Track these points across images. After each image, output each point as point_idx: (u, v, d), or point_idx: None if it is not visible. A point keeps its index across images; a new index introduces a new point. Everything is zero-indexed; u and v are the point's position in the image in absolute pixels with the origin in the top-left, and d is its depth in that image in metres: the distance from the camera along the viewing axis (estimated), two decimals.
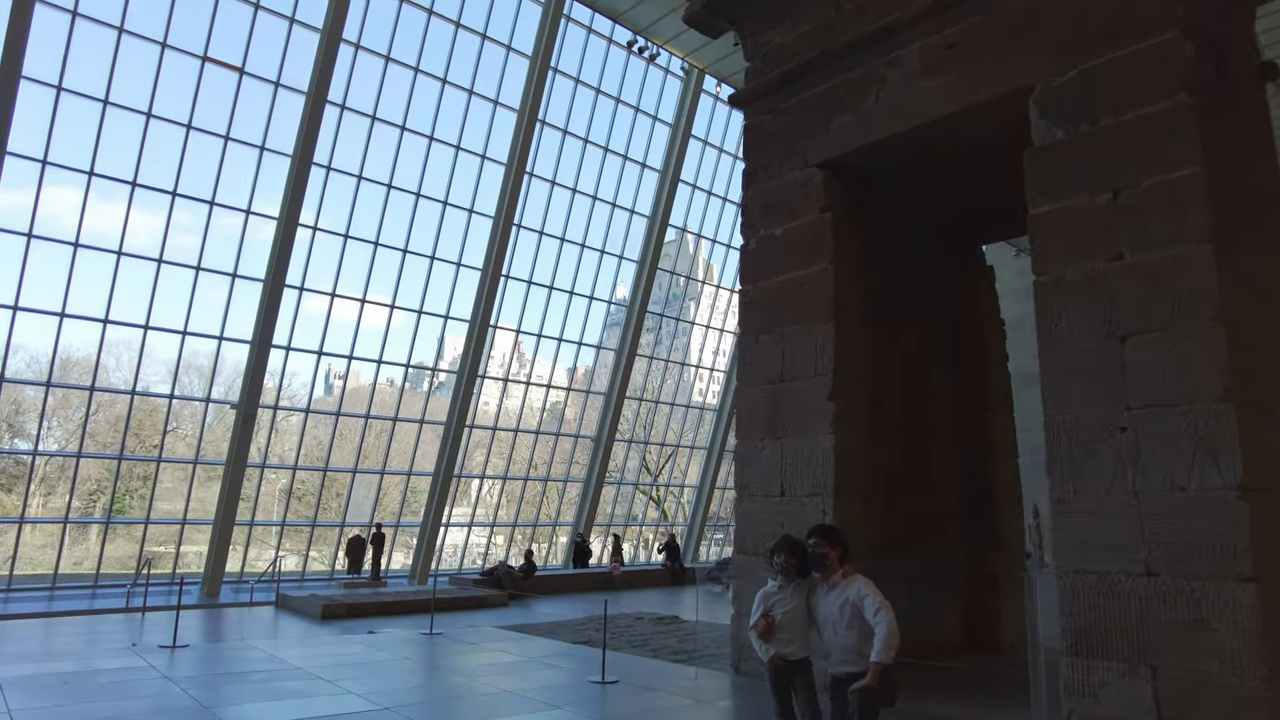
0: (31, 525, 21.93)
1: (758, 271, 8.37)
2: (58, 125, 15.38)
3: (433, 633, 9.77)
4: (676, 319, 26.01)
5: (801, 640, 4.54)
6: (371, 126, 18.63)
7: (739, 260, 9.09)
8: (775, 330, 7.93)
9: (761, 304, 8.22)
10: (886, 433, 8.02)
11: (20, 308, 15.31)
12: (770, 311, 8.06)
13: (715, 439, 26.56)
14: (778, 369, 7.80)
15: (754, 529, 7.68)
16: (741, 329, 8.61)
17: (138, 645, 9.29)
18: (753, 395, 8.08)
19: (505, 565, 16.86)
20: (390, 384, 24.28)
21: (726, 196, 25.55)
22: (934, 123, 7.04)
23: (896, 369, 8.38)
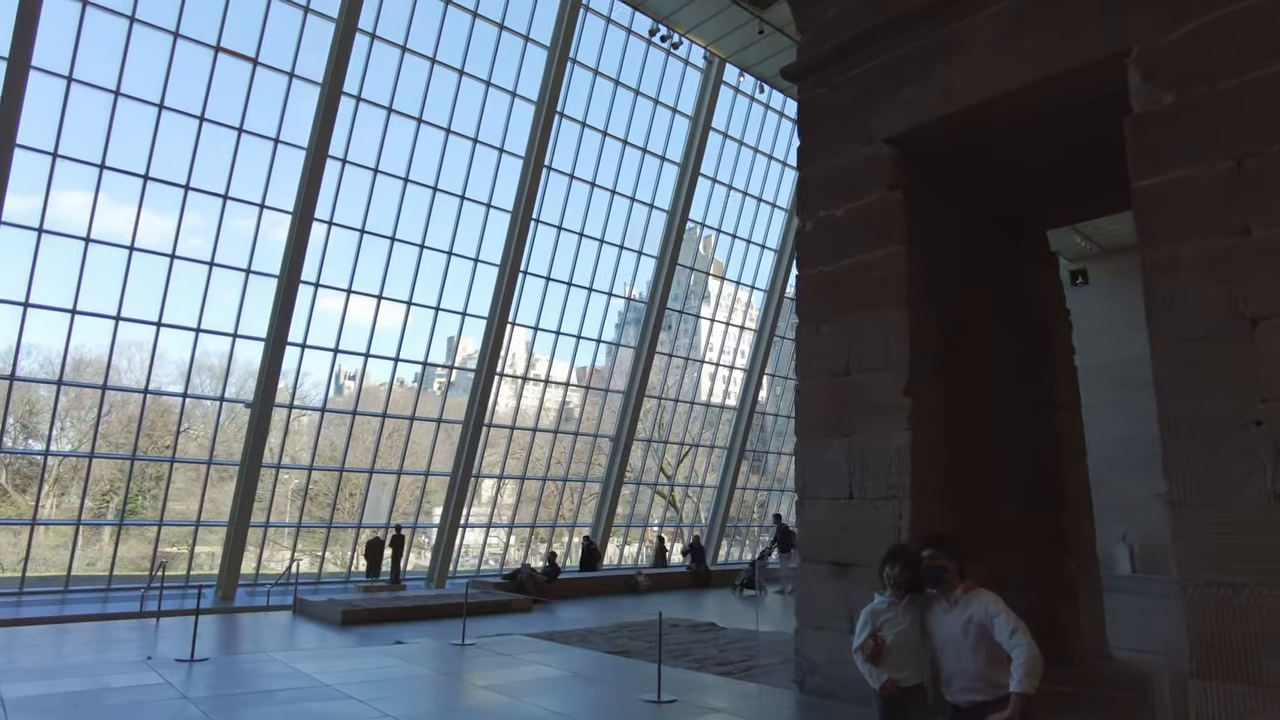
0: (45, 526, 21.60)
1: (816, 255, 7.77)
2: (68, 118, 14.95)
3: (464, 643, 9.20)
4: (696, 315, 25.46)
5: (916, 664, 4.00)
6: (388, 119, 18.15)
7: (795, 243, 8.51)
8: (838, 318, 7.35)
9: (822, 290, 7.62)
10: (953, 429, 7.45)
11: (31, 304, 14.87)
12: (832, 298, 7.47)
13: (735, 439, 26.00)
14: (842, 360, 7.22)
15: (819, 535, 7.11)
16: (801, 317, 7.99)
17: (153, 658, 8.79)
18: (814, 389, 7.49)
19: (528, 568, 16.34)
20: (400, 384, 23.82)
21: (747, 190, 25.02)
22: (1012, 93, 6.48)
23: (961, 361, 7.81)
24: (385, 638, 10.94)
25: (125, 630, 12.07)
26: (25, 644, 10.65)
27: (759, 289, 26.11)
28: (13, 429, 24.87)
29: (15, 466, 26.32)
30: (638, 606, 15.87)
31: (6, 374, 15.11)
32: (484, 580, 17.35)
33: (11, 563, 25.08)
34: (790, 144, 25.71)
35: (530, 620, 13.30)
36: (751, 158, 24.96)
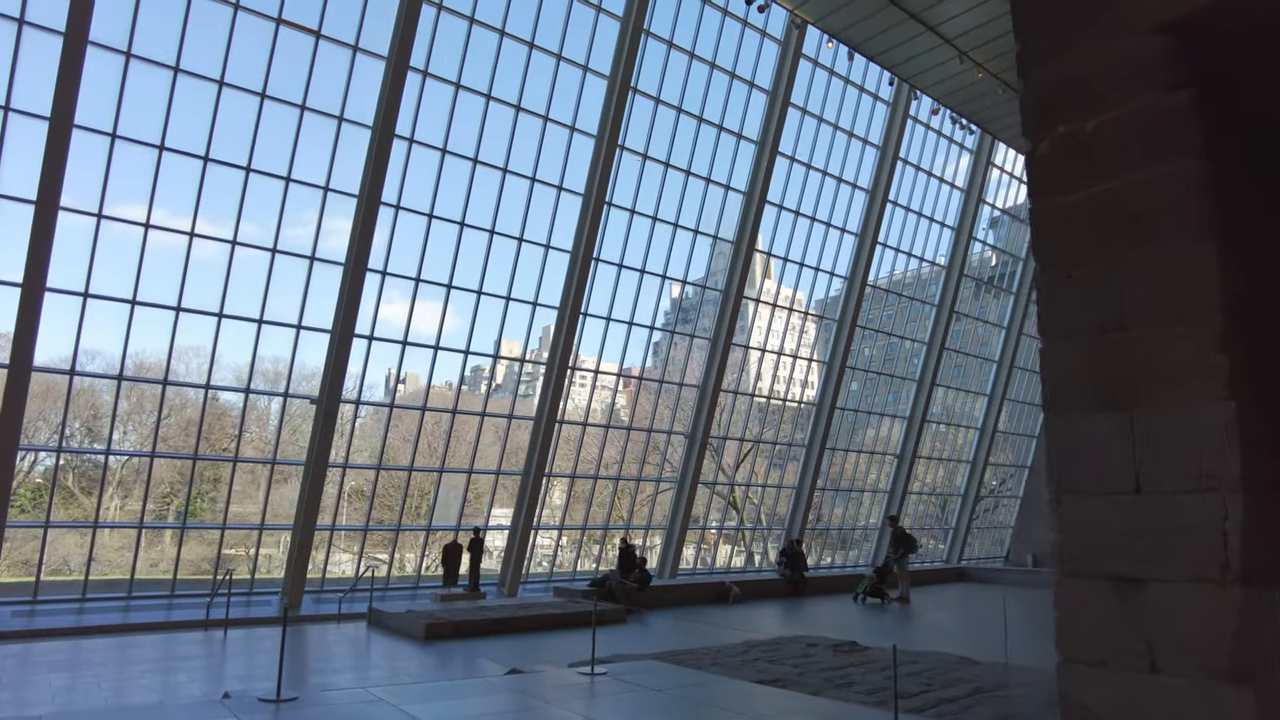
0: (108, 529, 21.04)
1: (1058, 181, 6.08)
2: (126, 97, 14.13)
3: (594, 673, 7.89)
4: (773, 305, 23.94)
5: None
6: (455, 95, 17.06)
7: (1025, 170, 6.93)
8: (1098, 259, 5.76)
9: (1071, 224, 5.99)
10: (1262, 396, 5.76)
11: (91, 294, 14.08)
12: (1087, 233, 5.87)
13: (816, 436, 24.44)
14: (1111, 311, 5.59)
15: (1087, 540, 5.59)
16: (1041, 262, 6.37)
17: (232, 697, 7.65)
18: (1065, 353, 5.79)
19: (617, 575, 15.06)
20: (448, 386, 22.79)
21: (826, 170, 23.43)
22: None
23: (1267, 312, 6.05)
24: (479, 655, 9.77)
25: (191, 645, 11.08)
26: (87, 662, 9.68)
27: (839, 275, 24.50)
28: (78, 433, 24.64)
29: (82, 470, 26.10)
30: (741, 619, 14.56)
31: (68, 369, 14.34)
32: (568, 588, 16.11)
33: (78, 563, 24.80)
34: (872, 120, 24.11)
35: (629, 634, 12.05)
36: (831, 135, 23.38)
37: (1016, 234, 30.46)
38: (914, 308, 27.53)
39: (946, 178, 26.86)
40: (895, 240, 25.74)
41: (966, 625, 15.49)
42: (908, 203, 25.81)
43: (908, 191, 25.81)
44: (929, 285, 27.91)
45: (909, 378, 27.43)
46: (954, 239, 27.33)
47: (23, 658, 9.91)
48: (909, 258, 26.50)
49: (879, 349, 27.14)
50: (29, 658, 9.90)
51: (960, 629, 14.79)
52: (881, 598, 16.90)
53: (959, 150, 26.92)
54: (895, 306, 27.44)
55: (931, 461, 28.34)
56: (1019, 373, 30.35)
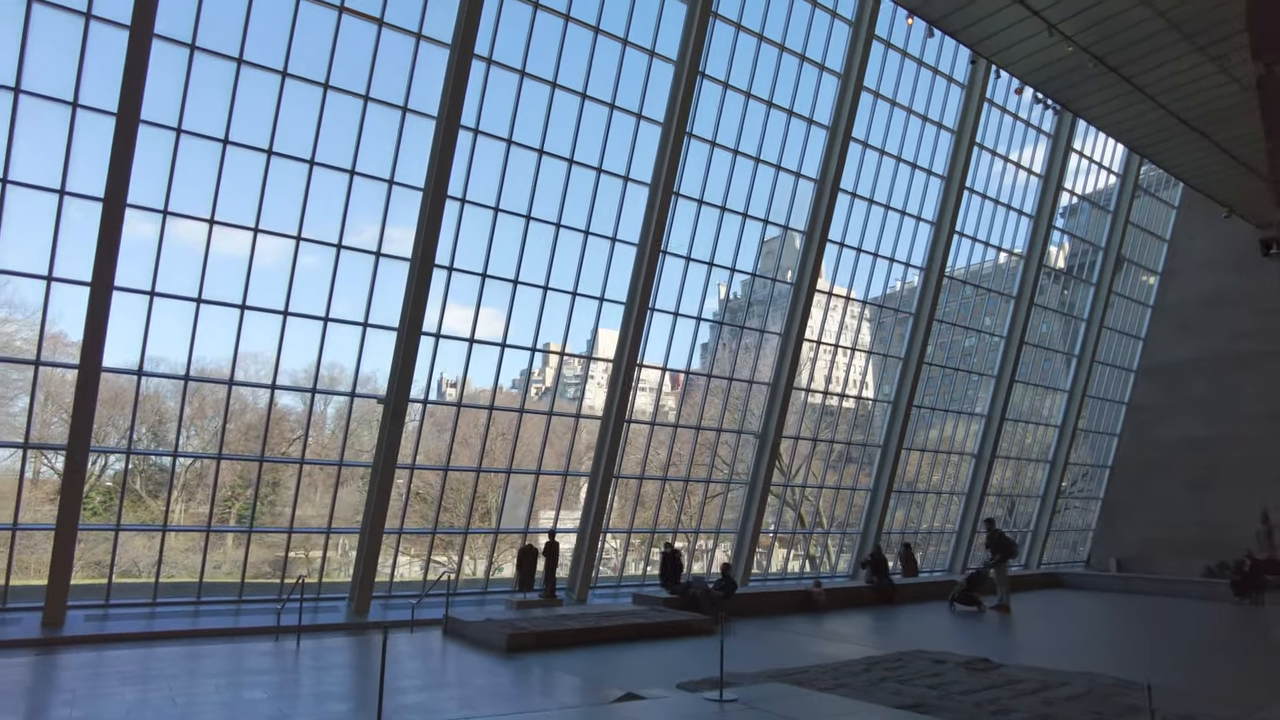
0: (175, 531, 20.87)
1: None
2: (190, 92, 13.80)
3: (723, 699, 7.05)
4: (846, 298, 22.89)
5: None
6: (520, 84, 16.47)
7: None
8: None
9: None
10: None
11: (157, 293, 13.77)
12: None
13: (891, 437, 23.32)
14: None
15: None
16: None
17: None
18: None
19: (701, 582, 14.22)
20: (497, 389, 22.13)
21: (900, 156, 22.34)
22: None
23: None
24: (572, 672, 9.04)
25: (263, 655, 10.55)
26: (160, 674, 9.20)
27: (915, 266, 23.35)
28: (144, 437, 24.75)
29: (148, 474, 26.26)
30: (836, 630, 13.66)
31: (135, 369, 14.07)
32: (649, 595, 15.29)
33: (146, 565, 24.89)
34: (947, 103, 22.94)
35: (714, 645, 11.20)
36: (905, 120, 22.30)
37: (1096, 222, 28.90)
38: (984, 300, 26.18)
39: (1024, 163, 25.54)
40: (971, 229, 24.51)
41: (1086, 637, 14.28)
42: (984, 189, 24.59)
43: (983, 178, 24.63)
44: (1005, 276, 26.53)
45: (987, 374, 26.10)
46: (1032, 227, 25.96)
47: (95, 667, 9.50)
48: (985, 247, 25.22)
49: (940, 344, 25.79)
50: (101, 667, 9.49)
51: (1082, 642, 13.60)
52: (977, 605, 15.79)
53: (1036, 135, 25.57)
54: (961, 300, 26.11)
55: (996, 461, 26.92)
56: (1098, 368, 28.77)
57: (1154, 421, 29.06)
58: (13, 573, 14.06)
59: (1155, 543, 27.68)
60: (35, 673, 9.42)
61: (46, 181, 12.91)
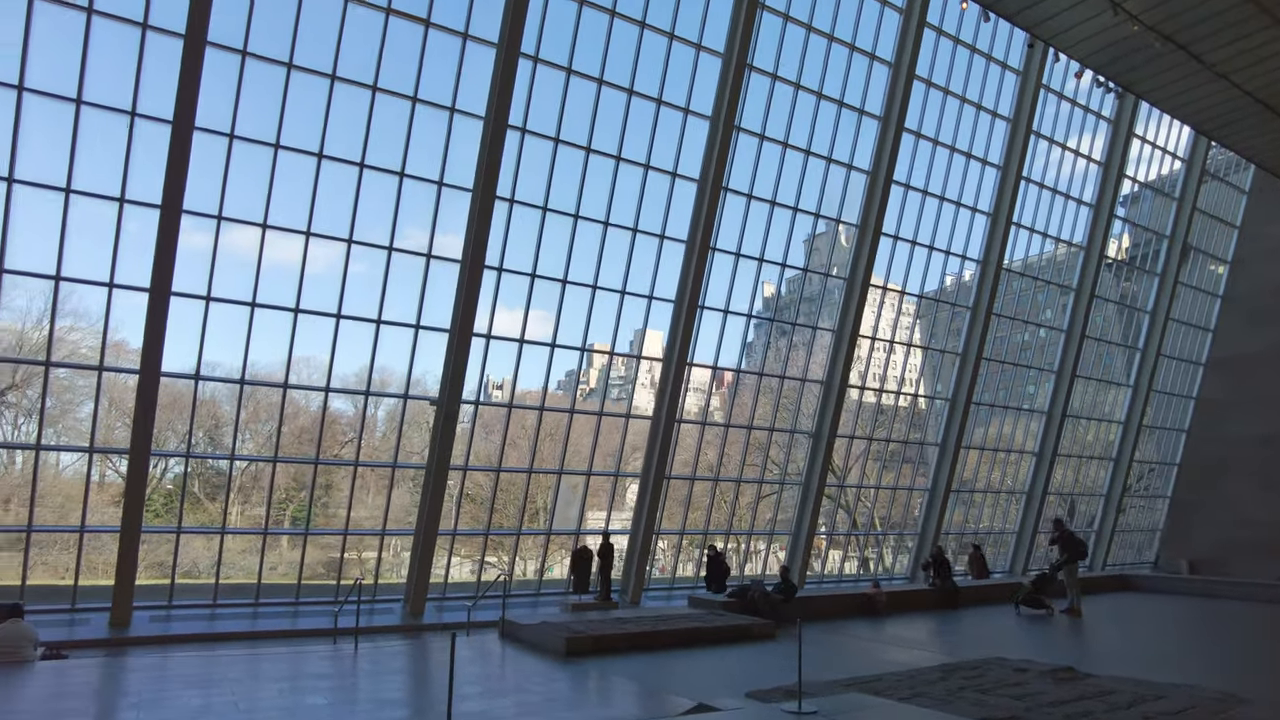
0: (235, 534, 21.20)
1: None
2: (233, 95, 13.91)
3: (801, 711, 6.75)
4: (901, 291, 22.31)
5: None
6: (567, 81, 16.32)
7: None
8: None
9: None
10: None
11: (213, 298, 13.91)
12: None
13: (949, 436, 22.69)
14: None
15: None
16: None
17: None
18: None
19: (760, 585, 13.89)
20: (541, 391, 21.97)
21: (954, 146, 21.71)
22: None
23: None
24: (634, 678, 8.81)
25: (321, 661, 10.50)
26: (223, 678, 9.20)
27: (971, 259, 22.69)
28: (201, 441, 25.26)
29: (205, 477, 26.81)
30: (902, 635, 13.24)
31: (192, 374, 14.25)
32: (705, 599, 14.99)
33: (205, 566, 25.41)
34: (1002, 91, 22.24)
35: (788, 653, 10.86)
36: (958, 109, 21.65)
37: (1159, 210, 27.80)
38: (1036, 294, 25.32)
39: (1083, 151, 24.65)
40: (1028, 220, 23.73)
41: (1170, 644, 13.59)
42: (1040, 179, 23.79)
43: (1040, 167, 23.83)
44: (1060, 268, 25.60)
45: (1047, 369, 25.25)
46: (1092, 217, 25.05)
47: (160, 670, 9.55)
48: (1043, 239, 24.39)
49: (990, 339, 24.83)
50: (166, 670, 9.54)
51: (1168, 649, 12.94)
52: (1045, 609, 15.18)
53: (1095, 121, 24.66)
54: (1019, 293, 25.27)
55: (1057, 459, 25.96)
56: (1163, 361, 27.64)
57: (1223, 417, 27.84)
58: (80, 573, 14.31)
59: (1227, 544, 26.50)
60: (103, 674, 9.51)
61: (106, 191, 13.12)
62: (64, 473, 25.73)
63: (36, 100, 12.61)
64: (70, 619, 13.73)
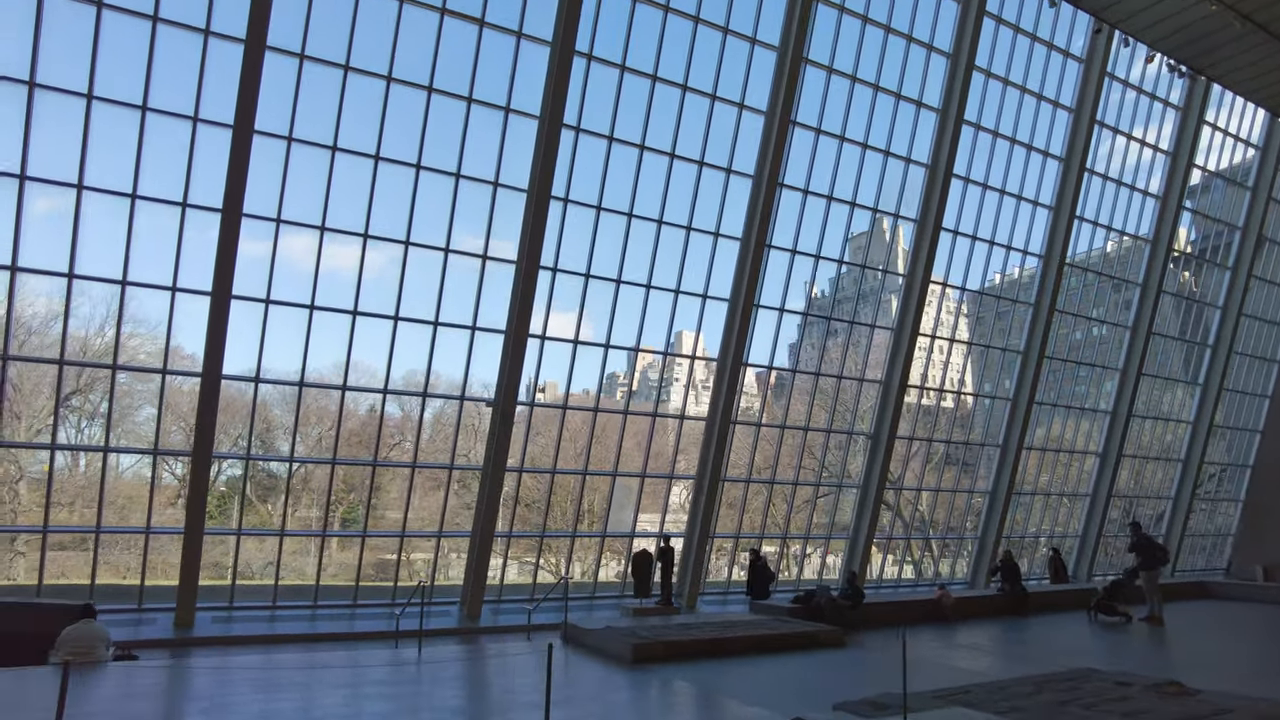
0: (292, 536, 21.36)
1: None
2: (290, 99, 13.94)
3: None
4: (962, 289, 21.69)
5: None
6: (621, 79, 16.12)
7: None
8: None
9: None
10: None
11: (272, 300, 13.97)
12: None
13: (1012, 435, 21.98)
14: None
15: None
16: None
17: None
18: None
19: (826, 591, 13.49)
20: (585, 393, 21.77)
21: (1015, 138, 21.03)
22: None
23: None
24: (710, 688, 8.51)
25: (385, 666, 10.39)
26: (287, 684, 9.14)
27: (1033, 254, 21.96)
28: (255, 443, 25.56)
29: (258, 479, 27.14)
30: (980, 641, 12.78)
31: (250, 377, 14.33)
32: (771, 604, 14.59)
33: (258, 567, 25.70)
34: (1063, 81, 21.47)
35: (862, 661, 10.56)
36: (1018, 99, 20.97)
37: (1231, 200, 26.66)
38: (1091, 289, 24.40)
39: (1149, 140, 23.71)
40: (1091, 213, 22.92)
41: (1264, 656, 12.84)
42: (1105, 170, 22.95)
43: (1104, 158, 22.98)
44: (1116, 262, 24.61)
45: (1111, 367, 24.35)
46: (1159, 208, 24.11)
47: (228, 673, 9.51)
48: (1107, 232, 23.54)
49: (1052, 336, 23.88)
50: (235, 673, 9.50)
51: (1263, 661, 12.22)
52: (1122, 616, 14.50)
53: (1163, 109, 23.72)
54: (1074, 289, 24.40)
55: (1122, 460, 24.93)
56: (1235, 358, 26.47)
57: None
58: (143, 574, 14.46)
59: None
60: (173, 676, 9.51)
61: (169, 196, 13.24)
62: (123, 475, 26.26)
63: (102, 108, 12.78)
64: (137, 619, 13.88)
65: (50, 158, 12.56)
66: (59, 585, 17.07)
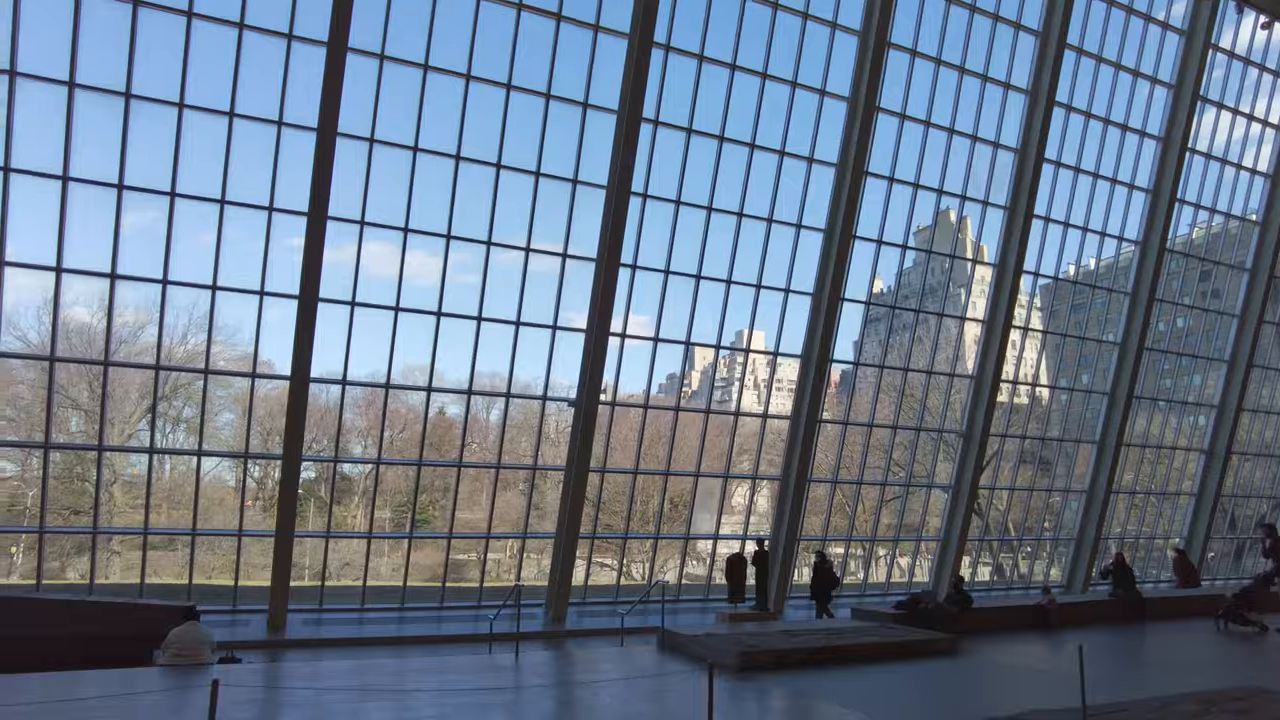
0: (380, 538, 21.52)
1: None
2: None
3: None
4: (1054, 278, 20.66)
5: None
6: (699, 69, 15.71)
7: None
8: None
9: None
10: None
11: (358, 303, 13.97)
12: None
13: (1109, 432, 20.85)
14: None
15: None
16: None
17: None
18: None
19: (932, 596, 12.84)
20: (634, 395, 21.22)
21: (1108, 117, 19.93)
22: None
23: None
24: (832, 698, 8.03)
25: (489, 671, 10.16)
26: (397, 689, 8.94)
27: (1129, 240, 20.80)
28: (327, 447, 25.89)
29: (330, 481, 27.52)
30: (1102, 652, 11.93)
31: (338, 379, 14.36)
32: (873, 609, 13.97)
33: (333, 568, 26.03)
34: (1164, 52, 20.27)
35: (973, 668, 9.94)
36: (1112, 76, 19.87)
37: None
38: (1177, 279, 22.98)
39: (1258, 115, 22.27)
40: (1192, 195, 21.63)
41: None
42: (1208, 150, 21.64)
43: (1206, 137, 21.66)
44: (1236, 245, 23.14)
45: (1217, 359, 22.95)
46: (1269, 188, 22.63)
47: (332, 678, 9.36)
48: (1210, 214, 22.20)
49: None
50: (340, 679, 9.33)
51: None
52: (1255, 626, 13.45)
53: (1274, 81, 22.24)
54: (1183, 274, 23.03)
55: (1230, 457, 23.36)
56: None
57: None
58: (236, 575, 14.62)
59: None
60: (278, 680, 9.42)
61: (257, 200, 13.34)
62: (203, 478, 26.94)
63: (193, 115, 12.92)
64: (230, 619, 14.01)
65: (142, 167, 12.75)
66: (133, 586, 17.29)
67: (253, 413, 14.42)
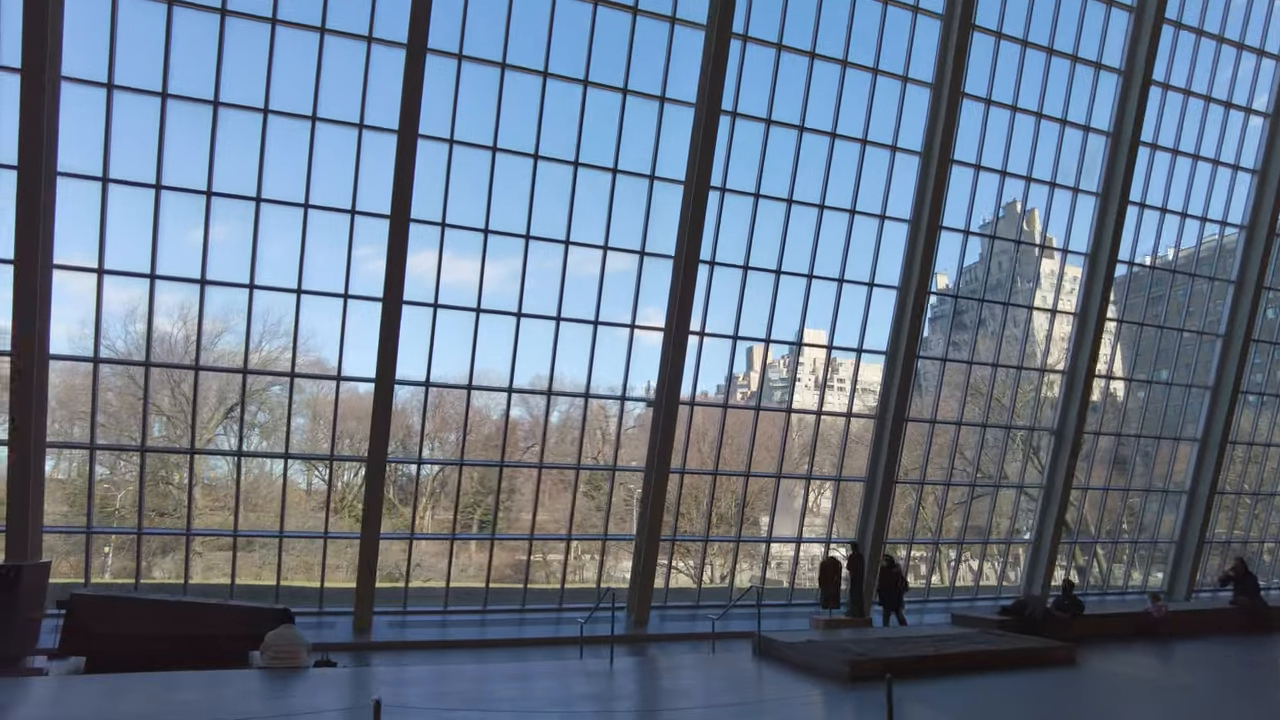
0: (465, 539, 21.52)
1: None
2: None
3: None
4: (1151, 267, 19.62)
5: None
6: (778, 58, 15.28)
7: None
8: None
9: None
10: None
11: (440, 305, 13.92)
12: None
13: (1213, 428, 19.71)
14: None
15: None
16: None
17: None
18: None
19: (1040, 601, 12.16)
20: (701, 395, 20.58)
21: (1210, 94, 18.83)
22: None
23: None
24: (956, 714, 7.56)
25: (585, 677, 9.91)
26: (496, 700, 8.75)
27: (1232, 225, 19.63)
28: (397, 449, 26.13)
29: (399, 483, 27.78)
30: (1221, 666, 11.16)
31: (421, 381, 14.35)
32: (967, 613, 13.37)
33: (402, 569, 26.25)
34: (1271, 24, 19.09)
35: (1098, 679, 9.31)
36: (1214, 49, 18.76)
37: None
38: None
39: None
40: None
41: None
42: None
43: None
44: None
45: None
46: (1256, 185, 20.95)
47: (425, 685, 9.23)
48: None
49: (1213, 320, 20.68)
50: (431, 685, 9.21)
51: None
52: None
53: None
54: None
55: None
56: None
57: None
58: (322, 578, 14.73)
59: None
60: (377, 684, 9.33)
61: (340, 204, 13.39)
62: (276, 480, 27.42)
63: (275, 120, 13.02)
64: (317, 621, 14.11)
65: (230, 173, 12.91)
66: (214, 586, 17.55)
67: (337, 416, 14.49)
